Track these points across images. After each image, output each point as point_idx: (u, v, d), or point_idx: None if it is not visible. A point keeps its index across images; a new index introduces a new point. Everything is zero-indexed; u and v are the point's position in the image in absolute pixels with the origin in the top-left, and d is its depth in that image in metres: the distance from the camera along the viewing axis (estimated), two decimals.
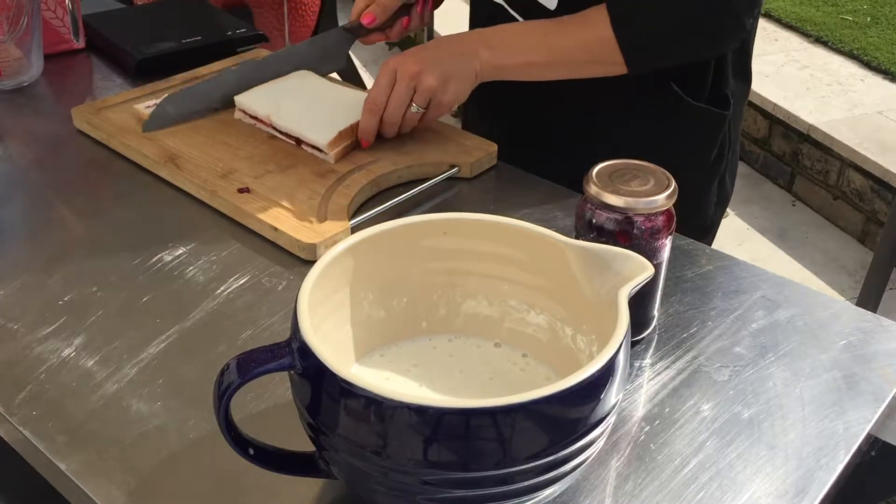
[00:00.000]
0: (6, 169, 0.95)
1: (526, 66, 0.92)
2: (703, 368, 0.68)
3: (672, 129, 0.98)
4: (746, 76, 1.03)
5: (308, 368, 0.49)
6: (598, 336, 0.57)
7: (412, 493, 0.49)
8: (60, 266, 0.79)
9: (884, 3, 3.66)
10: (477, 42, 0.91)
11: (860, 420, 0.64)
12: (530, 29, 0.92)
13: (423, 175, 0.91)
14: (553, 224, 0.84)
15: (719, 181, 1.04)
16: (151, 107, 0.98)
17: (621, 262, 0.55)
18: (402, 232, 0.60)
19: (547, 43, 0.90)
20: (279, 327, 0.72)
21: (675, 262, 0.79)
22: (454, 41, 0.92)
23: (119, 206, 0.89)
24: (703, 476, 0.59)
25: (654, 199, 0.63)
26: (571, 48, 0.89)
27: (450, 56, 0.91)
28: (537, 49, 0.90)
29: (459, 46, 0.91)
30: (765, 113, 2.99)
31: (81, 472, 0.59)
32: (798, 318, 0.73)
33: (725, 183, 1.06)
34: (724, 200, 1.08)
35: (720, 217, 1.10)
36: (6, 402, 0.64)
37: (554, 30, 0.90)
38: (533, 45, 0.91)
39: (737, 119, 1.04)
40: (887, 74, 3.15)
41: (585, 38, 0.88)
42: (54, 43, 1.19)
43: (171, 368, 0.68)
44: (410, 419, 0.45)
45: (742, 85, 1.02)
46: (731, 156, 1.05)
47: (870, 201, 2.66)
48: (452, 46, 0.92)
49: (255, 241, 0.82)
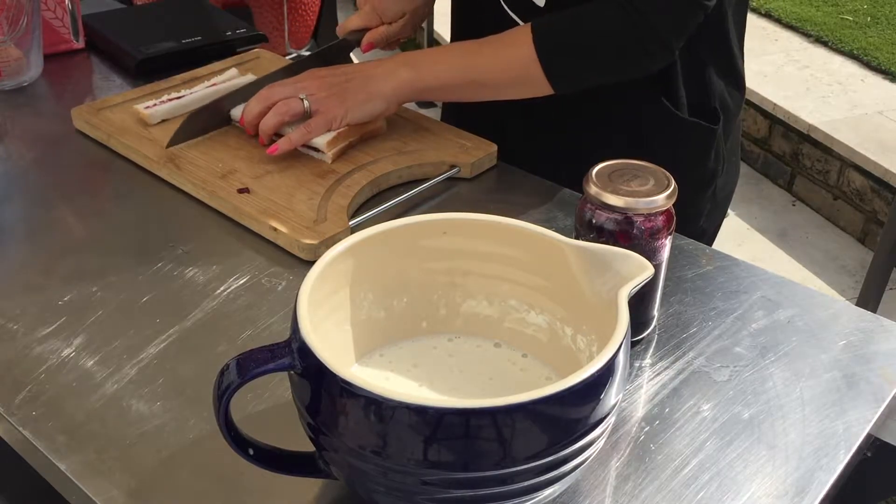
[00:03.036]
0: (6, 169, 0.95)
1: (448, 87, 0.92)
2: (703, 368, 0.68)
3: (662, 140, 0.98)
4: (739, 85, 1.02)
5: (308, 368, 0.49)
6: (598, 336, 0.57)
7: (412, 493, 0.49)
8: (60, 266, 0.79)
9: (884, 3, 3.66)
10: (398, 63, 0.92)
11: (860, 420, 0.64)
12: (453, 49, 0.93)
13: (423, 175, 0.91)
14: (553, 224, 0.84)
15: (712, 193, 1.04)
16: (151, 107, 0.98)
17: (621, 262, 0.55)
18: (402, 232, 0.60)
19: (469, 62, 0.90)
20: (279, 327, 0.72)
21: (675, 262, 0.79)
22: (375, 64, 0.93)
23: (119, 206, 0.89)
24: (703, 476, 0.59)
25: (654, 199, 0.63)
26: (493, 68, 0.89)
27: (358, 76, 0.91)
28: (459, 69, 0.90)
29: (377, 69, 0.92)
30: (765, 113, 2.99)
31: (81, 472, 0.59)
32: (798, 318, 0.73)
33: (718, 195, 1.05)
34: (718, 211, 1.07)
35: (714, 227, 1.09)
36: (6, 402, 0.64)
37: (477, 49, 0.90)
38: (454, 65, 0.91)
39: (732, 130, 1.03)
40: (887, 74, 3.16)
41: (507, 58, 0.88)
42: (54, 43, 1.19)
43: (170, 368, 0.68)
44: (410, 419, 0.45)
45: (735, 94, 1.01)
46: (727, 167, 1.04)
47: (870, 201, 2.66)
48: (368, 69, 0.92)
49: (255, 241, 0.82)
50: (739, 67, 1.01)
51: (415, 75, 0.90)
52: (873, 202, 2.64)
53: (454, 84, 0.91)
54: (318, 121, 0.90)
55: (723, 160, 1.02)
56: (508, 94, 0.91)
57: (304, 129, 0.89)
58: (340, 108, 0.90)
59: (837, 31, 3.44)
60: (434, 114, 1.06)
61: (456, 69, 0.91)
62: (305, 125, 0.89)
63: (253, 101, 0.92)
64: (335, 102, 0.90)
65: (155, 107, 0.98)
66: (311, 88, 0.91)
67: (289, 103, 0.90)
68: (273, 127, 0.90)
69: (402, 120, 1.00)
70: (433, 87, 0.91)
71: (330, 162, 0.91)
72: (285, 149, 0.89)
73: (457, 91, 0.93)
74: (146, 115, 0.97)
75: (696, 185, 1.01)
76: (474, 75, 0.90)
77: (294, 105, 0.90)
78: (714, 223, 1.09)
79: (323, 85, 0.91)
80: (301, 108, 0.90)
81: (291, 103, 0.90)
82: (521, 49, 0.87)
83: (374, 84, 0.90)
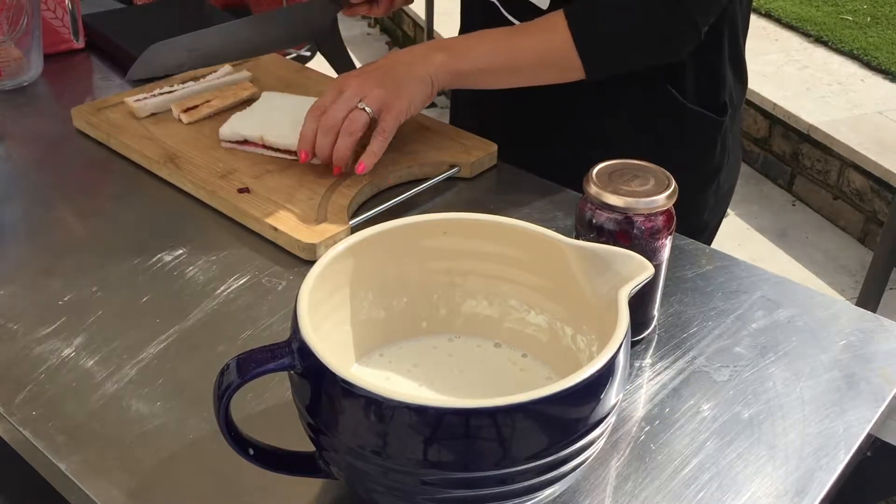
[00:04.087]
0: (6, 169, 0.95)
1: (483, 72, 0.90)
2: (703, 368, 0.68)
3: (669, 133, 0.98)
4: (743, 77, 1.03)
5: (308, 368, 0.49)
6: (598, 336, 0.57)
7: (412, 493, 0.49)
8: (60, 266, 0.79)
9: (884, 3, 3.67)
10: (431, 47, 0.90)
11: (860, 420, 0.64)
12: (488, 35, 0.91)
13: (423, 175, 0.91)
14: (553, 224, 0.84)
15: (716, 186, 1.04)
16: (141, 100, 0.98)
17: (621, 262, 0.55)
18: (402, 232, 0.60)
19: (504, 47, 0.89)
20: (279, 327, 0.72)
21: (675, 262, 0.79)
22: (405, 51, 0.91)
23: (119, 206, 0.89)
24: (703, 476, 0.59)
25: (654, 199, 0.63)
26: (529, 53, 0.88)
27: (398, 65, 0.89)
28: (494, 53, 0.89)
29: (409, 55, 0.90)
30: (765, 113, 2.99)
31: (81, 472, 0.59)
32: (798, 318, 0.73)
33: (722, 187, 1.05)
34: (721, 205, 1.08)
35: (716, 221, 1.10)
36: (6, 402, 0.64)
37: (512, 35, 0.90)
38: (489, 49, 0.89)
39: (735, 123, 1.04)
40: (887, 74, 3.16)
41: (543, 43, 0.88)
42: (54, 43, 1.19)
43: (170, 368, 0.68)
44: (410, 419, 0.45)
45: (739, 87, 1.02)
46: (730, 160, 1.04)
47: (870, 201, 2.66)
48: (402, 56, 0.90)
49: (255, 241, 0.82)
50: (744, 60, 1.02)
51: (449, 59, 0.89)
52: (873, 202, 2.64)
53: (488, 69, 0.90)
54: (388, 121, 0.86)
55: (728, 153, 1.03)
56: (541, 79, 0.91)
57: (381, 136, 0.86)
58: (403, 101, 0.86)
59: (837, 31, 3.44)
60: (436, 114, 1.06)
61: (490, 54, 0.89)
62: (380, 131, 0.86)
63: (320, 134, 0.86)
64: (393, 96, 0.86)
65: (145, 100, 0.98)
66: (362, 90, 0.86)
67: (353, 119, 0.85)
68: (350, 149, 0.86)
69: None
70: (467, 71, 0.89)
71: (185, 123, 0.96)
72: (373, 163, 0.86)
73: (490, 76, 0.91)
74: (135, 107, 0.97)
75: (702, 178, 1.02)
76: (509, 60, 0.89)
77: (360, 118, 0.85)
78: (717, 217, 1.09)
79: (370, 83, 0.87)
80: (367, 117, 0.86)
81: (355, 117, 0.85)
82: (556, 34, 0.86)
83: (416, 69, 0.88)
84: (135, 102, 0.98)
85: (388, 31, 4.33)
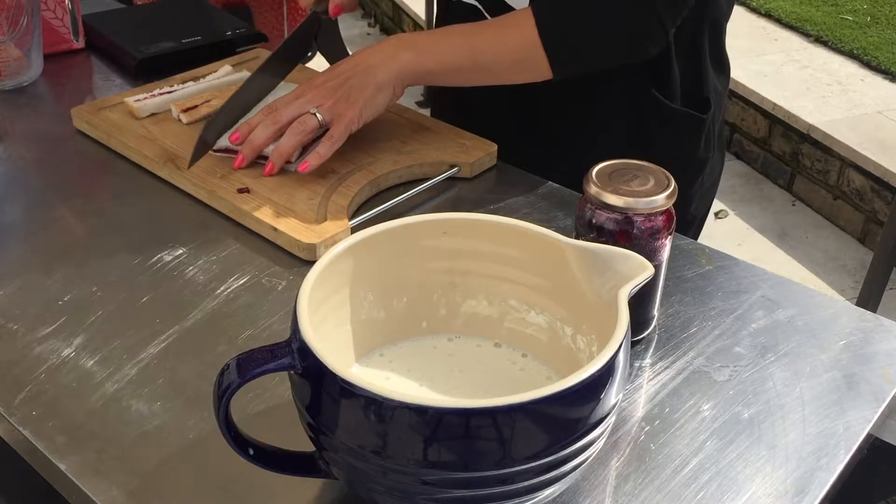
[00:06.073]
0: (6, 169, 0.95)
1: (450, 71, 0.89)
2: (703, 368, 0.68)
3: (656, 133, 0.99)
4: (725, 68, 1.03)
5: (308, 368, 0.49)
6: (598, 336, 0.57)
7: (412, 493, 0.49)
8: (60, 266, 0.79)
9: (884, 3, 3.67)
10: (398, 46, 0.89)
11: (860, 420, 0.64)
12: (454, 30, 0.90)
13: (423, 175, 0.91)
14: (553, 224, 0.84)
15: (702, 179, 1.05)
16: (141, 100, 0.98)
17: (621, 262, 0.55)
18: (402, 232, 0.60)
19: (471, 44, 0.88)
20: (279, 327, 0.72)
21: (675, 262, 0.79)
22: (374, 50, 0.90)
23: (119, 206, 0.89)
24: (703, 476, 0.59)
25: (654, 199, 0.63)
26: (496, 51, 0.88)
27: (360, 71, 0.88)
28: (461, 50, 0.88)
29: (377, 56, 0.89)
30: (765, 113, 2.99)
31: (81, 471, 0.59)
32: (798, 317, 0.73)
33: (707, 180, 1.06)
34: (707, 197, 1.08)
35: (703, 213, 1.10)
36: (6, 402, 0.64)
37: (478, 31, 0.89)
38: (456, 45, 0.89)
39: (719, 114, 1.04)
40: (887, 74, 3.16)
41: (510, 41, 0.87)
42: (54, 43, 1.19)
43: (171, 368, 0.68)
44: (410, 419, 0.45)
45: (722, 77, 1.02)
46: (714, 152, 1.05)
47: (870, 201, 2.66)
48: (369, 58, 0.89)
49: (255, 241, 0.82)
50: (725, 51, 1.02)
51: (415, 57, 0.88)
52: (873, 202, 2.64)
53: (455, 67, 0.89)
54: (338, 129, 0.87)
55: (713, 146, 1.03)
56: (508, 77, 0.90)
57: (328, 142, 0.87)
58: (354, 110, 0.87)
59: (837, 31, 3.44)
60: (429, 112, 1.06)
61: (457, 50, 0.88)
62: (328, 137, 0.87)
63: (260, 128, 0.88)
64: (346, 106, 0.87)
65: (145, 100, 0.99)
66: (316, 99, 0.88)
67: (303, 121, 0.86)
68: (293, 149, 0.87)
69: (402, 120, 1.00)
70: (433, 70, 0.89)
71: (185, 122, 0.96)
72: (316, 165, 0.86)
73: (457, 75, 0.90)
74: (135, 108, 0.97)
75: (687, 173, 1.02)
76: (475, 57, 0.88)
77: (309, 121, 0.87)
78: (703, 209, 1.09)
79: (327, 92, 0.88)
80: (316, 123, 0.87)
81: (306, 120, 0.87)
82: (523, 31, 0.86)
83: (376, 74, 0.88)
84: (135, 102, 0.98)
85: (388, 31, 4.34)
